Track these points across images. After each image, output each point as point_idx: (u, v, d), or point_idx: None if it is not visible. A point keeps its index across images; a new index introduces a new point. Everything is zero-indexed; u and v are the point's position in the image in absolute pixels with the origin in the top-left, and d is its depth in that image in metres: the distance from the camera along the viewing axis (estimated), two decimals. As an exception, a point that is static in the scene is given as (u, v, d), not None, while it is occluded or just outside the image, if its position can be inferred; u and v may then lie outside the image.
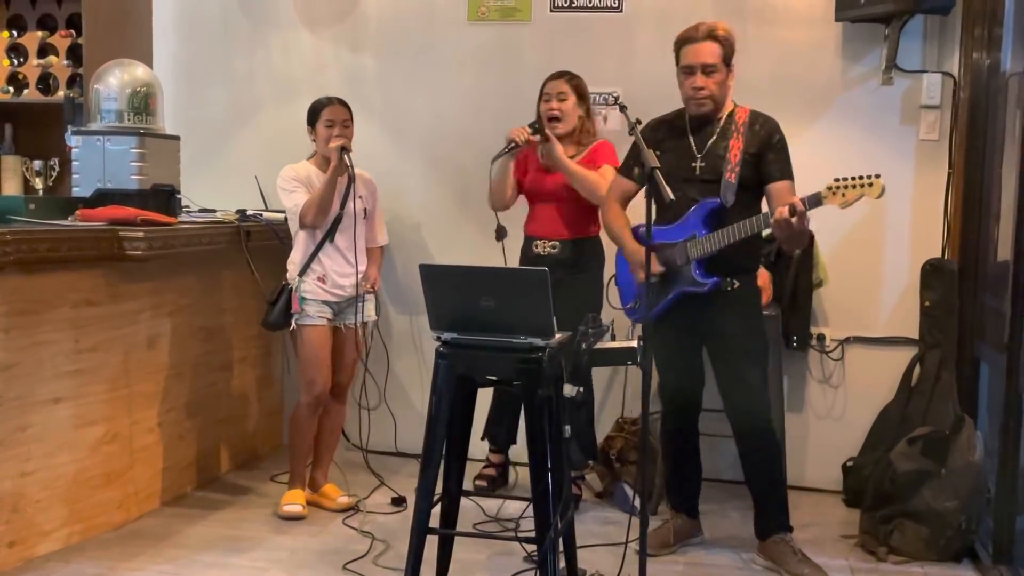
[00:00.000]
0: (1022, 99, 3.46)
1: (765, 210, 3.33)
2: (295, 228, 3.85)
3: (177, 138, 4.12)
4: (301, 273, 3.80)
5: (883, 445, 3.95)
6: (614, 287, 3.74)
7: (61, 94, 4.61)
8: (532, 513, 2.79)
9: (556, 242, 3.96)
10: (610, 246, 3.76)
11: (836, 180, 3.11)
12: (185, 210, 4.26)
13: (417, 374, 4.71)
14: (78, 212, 3.62)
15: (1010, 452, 3.34)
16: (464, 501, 3.16)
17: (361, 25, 4.74)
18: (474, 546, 3.39)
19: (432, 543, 2.94)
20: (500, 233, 4.05)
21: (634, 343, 2.89)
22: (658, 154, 3.15)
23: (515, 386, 2.82)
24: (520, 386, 2.77)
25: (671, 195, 2.87)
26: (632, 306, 3.61)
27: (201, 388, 4.14)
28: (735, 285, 3.36)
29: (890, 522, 3.57)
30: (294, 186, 3.78)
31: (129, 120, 3.91)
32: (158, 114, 4.02)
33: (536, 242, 4.00)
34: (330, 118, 3.79)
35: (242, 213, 4.19)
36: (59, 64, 4.68)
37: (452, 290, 2.78)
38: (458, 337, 2.78)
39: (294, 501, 3.84)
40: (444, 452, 2.88)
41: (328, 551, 3.50)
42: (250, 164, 4.60)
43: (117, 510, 3.67)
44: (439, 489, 2.91)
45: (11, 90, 4.71)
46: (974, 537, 3.54)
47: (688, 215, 3.34)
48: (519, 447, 4.14)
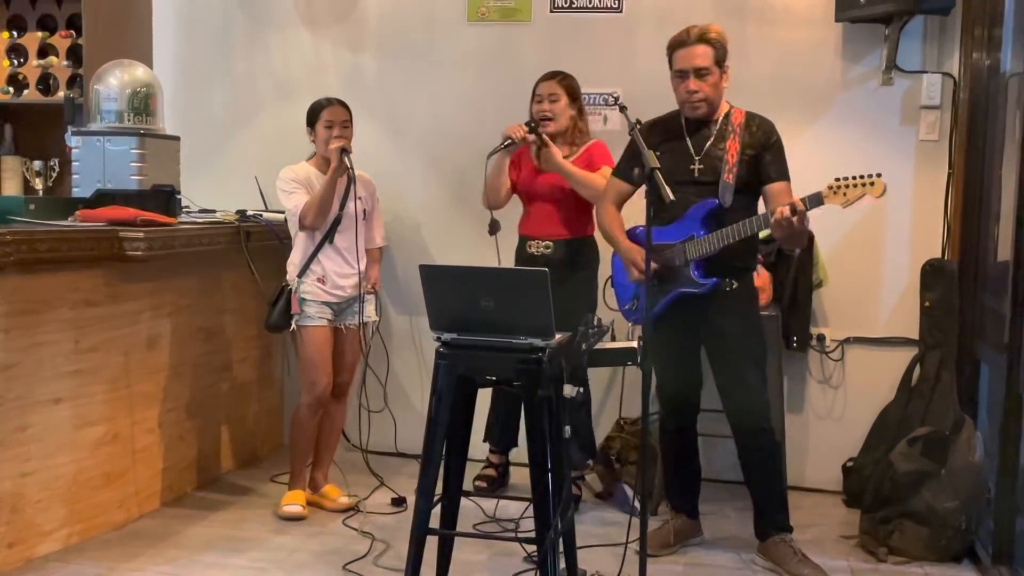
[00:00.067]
0: (1022, 99, 3.46)
1: (763, 210, 3.33)
2: (294, 229, 3.84)
3: (177, 138, 4.13)
4: (300, 274, 3.79)
5: (883, 445, 3.95)
6: (610, 288, 3.73)
7: (61, 94, 4.60)
8: (532, 513, 2.79)
9: (550, 242, 3.95)
10: (605, 247, 3.75)
11: (837, 179, 3.11)
12: (185, 210, 4.26)
13: (417, 374, 4.71)
14: (78, 212, 3.61)
15: (1010, 452, 3.34)
16: (464, 501, 3.15)
17: (361, 25, 4.74)
18: (474, 546, 3.39)
19: (432, 543, 2.94)
20: (493, 227, 4.01)
21: (634, 344, 2.89)
22: (658, 154, 3.15)
23: (515, 386, 2.82)
24: (520, 386, 2.77)
25: (671, 196, 2.87)
26: (629, 307, 3.60)
27: (201, 388, 4.14)
28: (734, 286, 3.36)
29: (890, 522, 3.57)
30: (293, 187, 3.78)
31: (129, 120, 3.92)
32: (158, 114, 4.02)
33: (530, 242, 4.00)
34: (329, 119, 3.79)
35: (242, 213, 4.19)
36: (59, 64, 4.69)
37: (452, 290, 2.78)
38: (458, 337, 2.78)
39: (294, 501, 3.84)
40: (444, 452, 2.88)
41: (328, 551, 3.49)
42: (250, 164, 4.60)
43: (117, 510, 3.67)
44: (439, 489, 2.91)
45: (11, 90, 4.71)
46: (974, 537, 3.54)
47: (686, 216, 3.34)
48: (519, 448, 4.14)
